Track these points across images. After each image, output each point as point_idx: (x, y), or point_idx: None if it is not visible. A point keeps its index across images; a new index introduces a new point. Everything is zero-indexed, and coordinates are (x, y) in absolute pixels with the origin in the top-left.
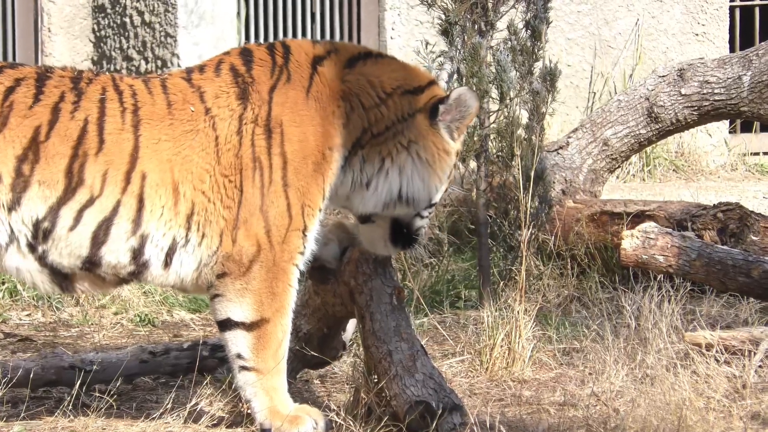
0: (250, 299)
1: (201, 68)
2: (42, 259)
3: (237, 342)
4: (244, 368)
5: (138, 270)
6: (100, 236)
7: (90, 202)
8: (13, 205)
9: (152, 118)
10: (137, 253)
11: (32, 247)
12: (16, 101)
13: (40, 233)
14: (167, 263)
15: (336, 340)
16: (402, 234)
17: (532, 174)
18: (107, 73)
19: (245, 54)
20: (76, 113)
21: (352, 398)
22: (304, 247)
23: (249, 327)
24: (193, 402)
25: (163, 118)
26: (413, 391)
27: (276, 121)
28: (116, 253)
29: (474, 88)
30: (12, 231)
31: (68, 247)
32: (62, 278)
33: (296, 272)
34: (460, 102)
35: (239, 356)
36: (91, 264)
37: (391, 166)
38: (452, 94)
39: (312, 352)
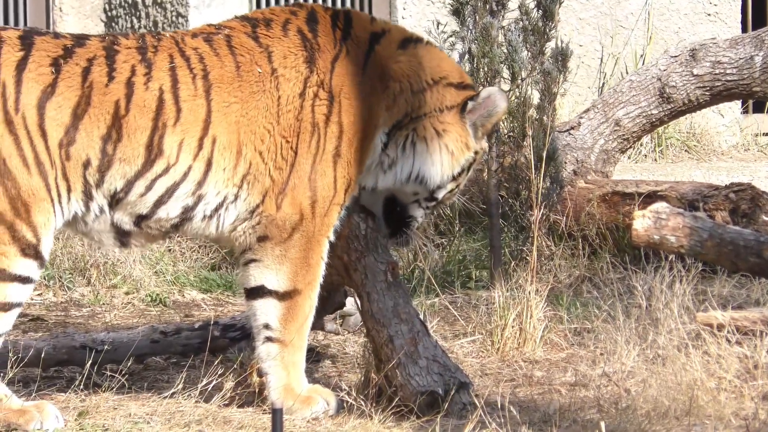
0: (287, 268)
1: (267, 23)
2: (110, 220)
3: (267, 311)
4: (269, 339)
5: (180, 223)
6: (164, 199)
7: (165, 171)
8: (99, 184)
9: (222, 81)
10: (188, 209)
11: (106, 213)
12: (95, 81)
13: (114, 202)
14: (210, 216)
15: (337, 295)
16: (394, 213)
17: (544, 154)
18: (167, 34)
19: (311, 19)
20: (150, 84)
21: (363, 378)
22: (338, 221)
23: (281, 296)
24: (204, 382)
25: (232, 80)
26: (418, 381)
27: (337, 91)
28: (168, 210)
29: (485, 69)
30: (98, 207)
31: (133, 209)
32: (123, 235)
33: (327, 246)
34: (489, 101)
35: (267, 326)
36: (143, 219)
37: (419, 151)
38: (482, 93)
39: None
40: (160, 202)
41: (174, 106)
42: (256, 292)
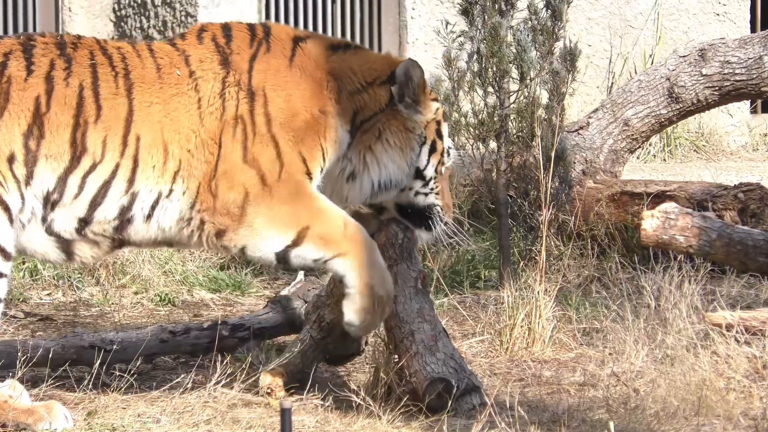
0: (270, 228)
1: (182, 35)
2: (49, 228)
3: (304, 255)
4: (325, 262)
5: (121, 225)
6: (99, 199)
7: (92, 168)
8: (28, 181)
9: (144, 81)
10: (125, 209)
11: (44, 219)
12: (13, 75)
13: (50, 204)
14: (149, 216)
15: (354, 343)
16: (409, 214)
17: (553, 154)
18: (89, 37)
19: (225, 28)
20: (70, 80)
21: (372, 378)
22: (311, 178)
23: (296, 242)
24: (213, 381)
25: (153, 81)
26: (433, 368)
27: (258, 87)
28: (106, 211)
29: (494, 68)
30: (31, 208)
31: (71, 211)
32: (65, 244)
33: (308, 184)
34: (404, 79)
35: (315, 261)
36: (85, 223)
37: (368, 161)
38: (397, 72)
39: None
40: (95, 203)
41: (94, 103)
42: (282, 259)
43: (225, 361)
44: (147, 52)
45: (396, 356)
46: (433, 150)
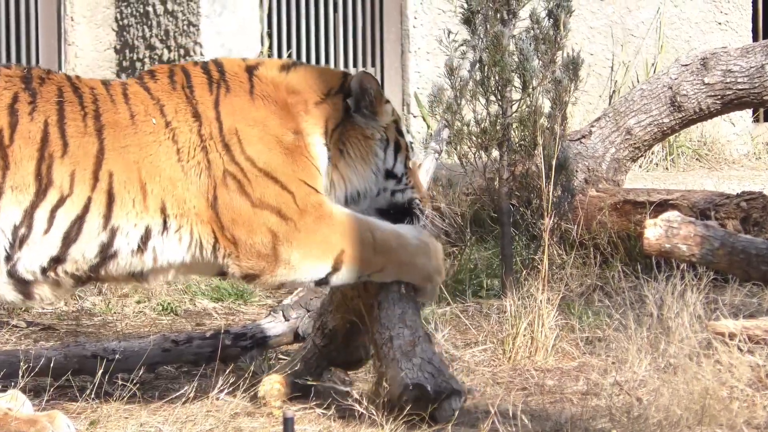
0: (308, 261)
1: (153, 75)
2: (12, 270)
3: (344, 278)
4: (370, 277)
5: (102, 261)
6: (72, 235)
7: (61, 201)
8: None
9: (116, 125)
10: (105, 246)
11: (8, 258)
12: None
13: (17, 240)
14: (141, 249)
15: (360, 338)
16: (392, 215)
17: (555, 163)
18: (61, 73)
19: (185, 73)
20: (34, 114)
21: (374, 388)
22: (326, 195)
23: (336, 267)
24: (216, 391)
25: (127, 126)
26: (408, 374)
27: (230, 132)
28: (84, 250)
29: (496, 77)
30: None
31: (41, 249)
32: (24, 285)
33: (326, 203)
34: (361, 88)
35: (357, 279)
36: (56, 262)
37: (337, 179)
38: (352, 85)
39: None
40: (68, 239)
41: (60, 140)
42: (320, 284)
43: (227, 371)
44: (121, 97)
45: (378, 362)
46: (398, 149)
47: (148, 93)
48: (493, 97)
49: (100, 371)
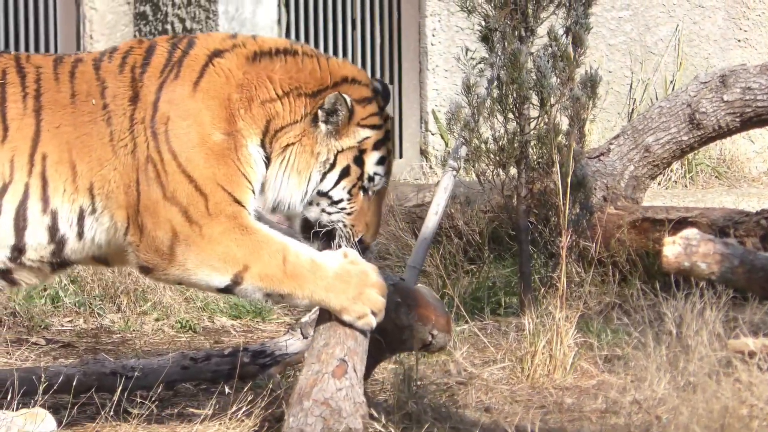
0: (204, 268)
1: (111, 54)
2: None
3: (248, 294)
4: (282, 298)
5: (59, 248)
6: (21, 222)
7: (4, 189)
8: None
9: (55, 104)
10: (53, 229)
11: None
12: None
13: None
14: (81, 233)
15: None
16: (311, 229)
17: (573, 180)
18: (10, 53)
19: (149, 52)
20: None
21: (393, 403)
22: (243, 206)
23: (236, 281)
24: (234, 408)
25: (65, 106)
26: (292, 421)
27: (160, 121)
28: (36, 235)
29: (514, 94)
30: None
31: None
32: (3, 273)
33: (243, 215)
34: (333, 107)
35: (264, 297)
36: (19, 251)
37: (271, 177)
38: (326, 100)
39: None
40: (19, 227)
41: (1, 124)
42: (226, 293)
43: (246, 388)
44: (67, 76)
45: None
46: (344, 175)
47: (95, 72)
48: (510, 115)
49: (120, 389)
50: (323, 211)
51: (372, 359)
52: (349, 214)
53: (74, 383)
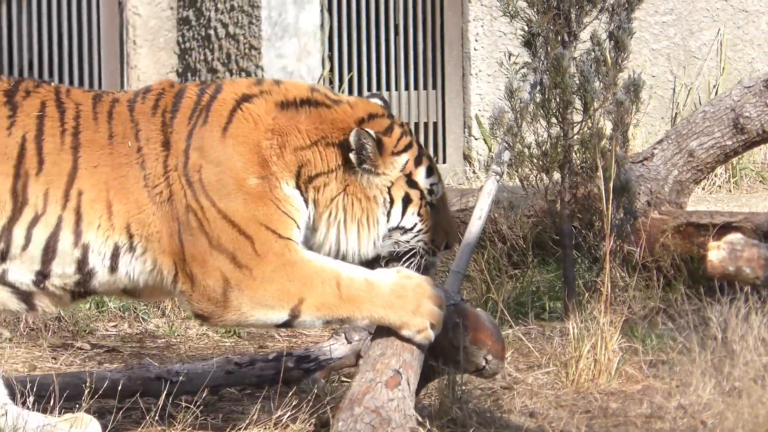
0: (260, 309)
1: (145, 95)
2: (2, 278)
3: (308, 324)
4: (341, 322)
5: (85, 279)
6: (50, 254)
7: (36, 220)
8: None
9: (93, 144)
10: (81, 262)
11: None
12: None
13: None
14: (114, 268)
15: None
16: (379, 261)
17: (614, 185)
18: (52, 84)
19: (178, 96)
20: (12, 129)
21: (438, 407)
22: (289, 239)
23: (294, 315)
24: (279, 413)
25: (104, 146)
26: (341, 426)
27: (194, 169)
28: (63, 265)
29: (557, 99)
30: None
31: (25, 264)
32: (24, 295)
33: (291, 248)
34: (359, 144)
35: (324, 324)
36: (43, 276)
37: (320, 227)
38: (351, 140)
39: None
40: (47, 256)
41: (36, 157)
42: (285, 328)
43: (290, 393)
44: (105, 115)
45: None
46: (407, 203)
47: (130, 114)
48: (554, 119)
49: (164, 393)
50: (396, 242)
51: (422, 378)
52: (426, 233)
53: (119, 388)
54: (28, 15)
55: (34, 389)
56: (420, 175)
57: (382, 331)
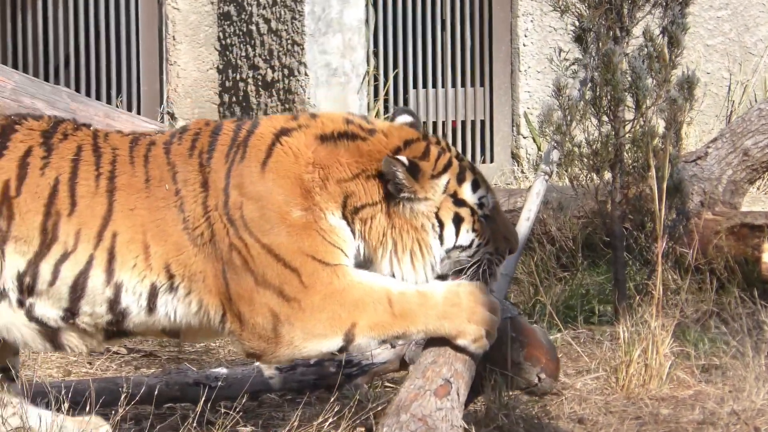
0: (313, 340)
1: (181, 135)
2: (29, 313)
3: (364, 347)
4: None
5: (119, 319)
6: (78, 291)
7: (65, 257)
8: None
9: (130, 187)
10: (113, 302)
11: (20, 302)
12: None
13: (25, 288)
14: (152, 308)
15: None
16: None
17: (666, 185)
18: (91, 127)
19: (214, 135)
20: (46, 170)
21: (483, 412)
22: (338, 264)
23: (349, 340)
24: (320, 419)
25: (140, 190)
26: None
27: (234, 206)
28: (94, 305)
29: (608, 96)
30: (2, 287)
31: (51, 300)
32: (49, 330)
33: (339, 274)
34: (391, 173)
35: (379, 345)
36: (72, 314)
37: (378, 258)
38: (384, 170)
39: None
40: (75, 294)
41: (69, 199)
42: (342, 352)
43: (332, 399)
44: (141, 159)
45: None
46: (459, 222)
47: (166, 157)
48: (605, 117)
49: (203, 399)
50: (458, 261)
51: (472, 391)
52: (486, 245)
53: (156, 393)
54: (64, 9)
55: (69, 395)
56: (466, 192)
57: (435, 339)
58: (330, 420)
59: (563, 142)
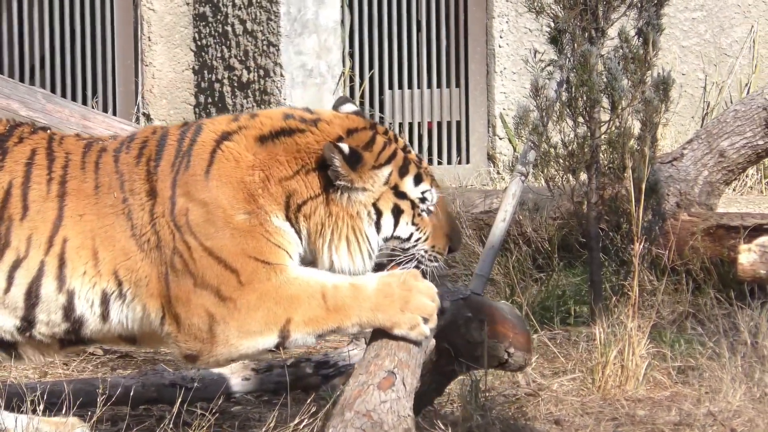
0: (249, 337)
1: (129, 144)
2: None
3: (300, 343)
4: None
5: (75, 327)
6: (33, 299)
7: (18, 263)
8: None
9: (79, 193)
10: (68, 309)
11: None
12: None
13: None
14: (105, 316)
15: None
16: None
17: (645, 186)
18: (48, 131)
19: (161, 143)
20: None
21: (460, 416)
22: (278, 263)
23: (284, 336)
24: (297, 420)
25: (89, 196)
26: None
27: (180, 213)
28: (49, 313)
29: (584, 98)
30: None
31: (7, 309)
32: (7, 346)
33: (277, 272)
34: (328, 158)
35: (316, 340)
36: (29, 324)
37: (317, 249)
38: (325, 157)
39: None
40: (30, 301)
41: (21, 203)
42: (278, 349)
43: (309, 400)
44: (92, 165)
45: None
46: (398, 213)
47: (115, 164)
48: (580, 118)
49: (179, 400)
50: (393, 250)
51: (444, 377)
52: (425, 240)
53: (132, 395)
54: (39, 10)
55: (45, 396)
56: (407, 185)
57: (378, 333)
58: (306, 421)
59: (539, 143)
